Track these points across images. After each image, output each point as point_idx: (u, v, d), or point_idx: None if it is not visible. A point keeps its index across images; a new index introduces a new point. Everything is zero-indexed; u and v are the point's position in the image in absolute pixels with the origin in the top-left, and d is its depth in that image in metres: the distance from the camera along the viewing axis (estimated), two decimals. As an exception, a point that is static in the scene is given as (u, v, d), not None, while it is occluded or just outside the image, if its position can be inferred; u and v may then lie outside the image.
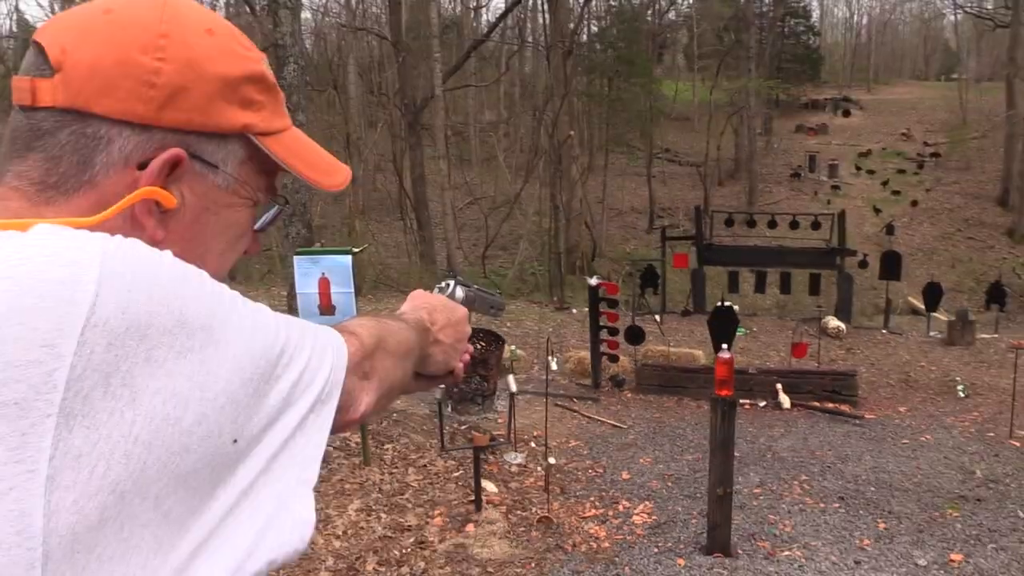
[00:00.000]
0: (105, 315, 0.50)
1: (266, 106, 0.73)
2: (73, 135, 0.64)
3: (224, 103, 0.69)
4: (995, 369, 11.06)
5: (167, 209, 0.67)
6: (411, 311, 1.03)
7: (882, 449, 7.60)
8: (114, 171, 0.65)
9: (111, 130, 0.64)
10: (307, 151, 0.78)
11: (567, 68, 22.73)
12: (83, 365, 0.49)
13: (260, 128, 0.72)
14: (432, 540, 5.38)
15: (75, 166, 0.64)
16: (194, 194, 0.69)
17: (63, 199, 0.64)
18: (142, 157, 0.65)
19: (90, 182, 0.64)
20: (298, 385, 0.64)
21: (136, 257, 0.55)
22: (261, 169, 0.75)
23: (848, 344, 12.90)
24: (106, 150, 0.64)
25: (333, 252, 6.15)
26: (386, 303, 14.73)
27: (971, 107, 38.84)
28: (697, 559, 5.14)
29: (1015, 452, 7.47)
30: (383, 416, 7.79)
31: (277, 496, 0.61)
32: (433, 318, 1.03)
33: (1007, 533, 5.59)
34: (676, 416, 8.83)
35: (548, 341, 7.61)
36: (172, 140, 0.66)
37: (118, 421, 0.49)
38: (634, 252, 27.38)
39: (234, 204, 0.74)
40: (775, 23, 40.33)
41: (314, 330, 0.71)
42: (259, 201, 0.77)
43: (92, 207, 0.64)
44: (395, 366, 0.87)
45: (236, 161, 0.72)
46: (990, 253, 28.12)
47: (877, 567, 5.04)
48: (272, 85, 0.75)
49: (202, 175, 0.69)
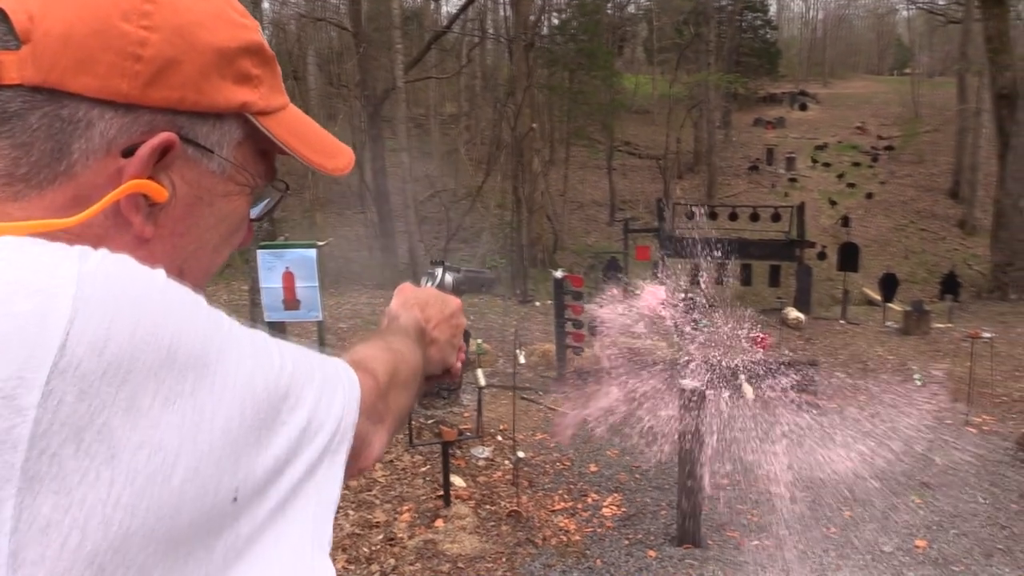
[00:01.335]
0: (77, 357, 0.42)
1: (264, 81, 0.64)
2: (46, 118, 0.54)
3: (219, 78, 0.60)
4: (950, 358, 11.29)
5: (156, 202, 0.58)
6: (403, 311, 0.96)
7: (844, 438, 7.69)
8: (94, 159, 0.55)
9: (91, 111, 0.55)
10: (308, 131, 0.69)
11: (529, 61, 22.68)
12: (49, 419, 0.41)
13: (259, 106, 0.64)
14: (401, 536, 5.33)
15: (49, 154, 0.54)
16: (186, 183, 0.60)
17: (35, 193, 0.55)
18: (127, 142, 0.56)
19: (67, 173, 0.55)
20: (306, 432, 0.56)
21: (120, 281, 0.47)
22: (258, 151, 0.66)
23: (807, 334, 13.09)
24: (85, 135, 0.55)
25: (297, 246, 6.04)
26: (347, 296, 14.60)
27: (923, 101, 39.63)
28: (668, 550, 5.16)
29: (972, 439, 7.63)
30: (348, 411, 7.70)
31: (286, 560, 0.53)
32: (427, 315, 0.97)
33: (968, 518, 5.71)
34: (642, 408, 8.86)
35: (516, 334, 7.56)
36: (161, 122, 0.57)
37: (93, 483, 0.42)
38: (595, 245, 27.49)
39: (230, 192, 0.64)
40: (733, 17, 40.72)
41: (322, 364, 0.63)
42: (256, 187, 0.68)
43: (69, 202, 0.55)
44: (407, 397, 0.81)
45: (232, 144, 0.63)
46: (942, 244, 28.74)
47: (844, 554, 5.11)
48: (271, 57, 0.66)
49: (195, 161, 0.60)
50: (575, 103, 29.48)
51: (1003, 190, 18.00)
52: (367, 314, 13.24)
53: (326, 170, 0.70)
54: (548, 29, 31.27)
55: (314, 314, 6.15)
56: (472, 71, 34.14)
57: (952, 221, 30.41)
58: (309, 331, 10.04)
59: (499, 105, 25.29)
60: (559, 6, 32.81)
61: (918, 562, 5.03)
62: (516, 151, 21.62)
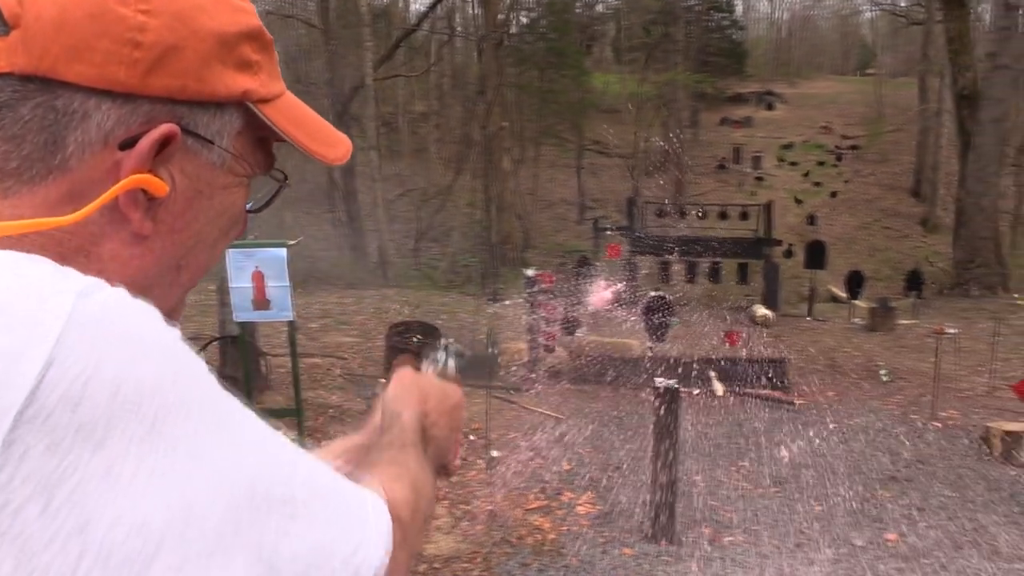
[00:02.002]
0: (48, 407, 0.39)
1: (263, 68, 0.61)
2: (39, 109, 0.51)
3: (220, 65, 0.57)
4: (915, 353, 11.48)
5: (155, 197, 0.55)
6: (405, 408, 0.86)
7: (814, 433, 7.79)
8: (90, 153, 0.52)
9: (86, 102, 0.52)
10: (306, 118, 0.66)
11: (499, 59, 22.66)
12: (12, 470, 0.37)
13: (260, 94, 0.60)
14: (376, 537, 5.28)
15: (42, 148, 0.51)
16: (186, 176, 0.57)
17: (26, 189, 0.52)
18: (125, 134, 0.53)
19: (61, 167, 0.52)
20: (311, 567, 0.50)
21: (115, 330, 0.43)
22: (256, 140, 0.63)
23: (776, 332, 13.22)
24: (81, 127, 0.52)
25: (267, 244, 5.96)
26: (317, 296, 14.49)
27: (887, 102, 40.24)
28: (643, 547, 5.17)
29: (938, 433, 7.75)
30: (319, 413, 7.65)
31: None
32: (426, 408, 0.88)
33: (936, 511, 5.79)
34: (614, 406, 8.89)
35: (489, 333, 7.54)
36: (160, 112, 0.54)
37: (60, 552, 0.38)
38: (565, 243, 27.56)
39: (229, 185, 0.61)
40: (701, 17, 41.02)
41: (351, 494, 0.57)
42: (254, 177, 0.65)
43: (63, 198, 0.52)
44: (424, 532, 0.75)
45: (232, 134, 0.60)
46: (905, 242, 29.23)
47: (817, 548, 5.15)
48: (269, 42, 0.63)
49: (194, 153, 0.57)
50: (545, 102, 29.54)
51: (964, 189, 18.33)
52: (337, 313, 13.15)
53: (326, 159, 0.67)
54: (517, 28, 31.28)
55: (285, 314, 6.06)
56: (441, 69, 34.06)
57: (914, 219, 30.95)
58: (279, 331, 9.94)
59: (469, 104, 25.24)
60: (528, 5, 32.84)
61: (889, 555, 5.09)
62: (486, 150, 21.60)
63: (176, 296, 0.62)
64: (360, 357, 10.24)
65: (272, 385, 8.32)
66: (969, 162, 17.98)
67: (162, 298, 0.58)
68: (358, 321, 12.62)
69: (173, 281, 0.60)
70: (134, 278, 0.55)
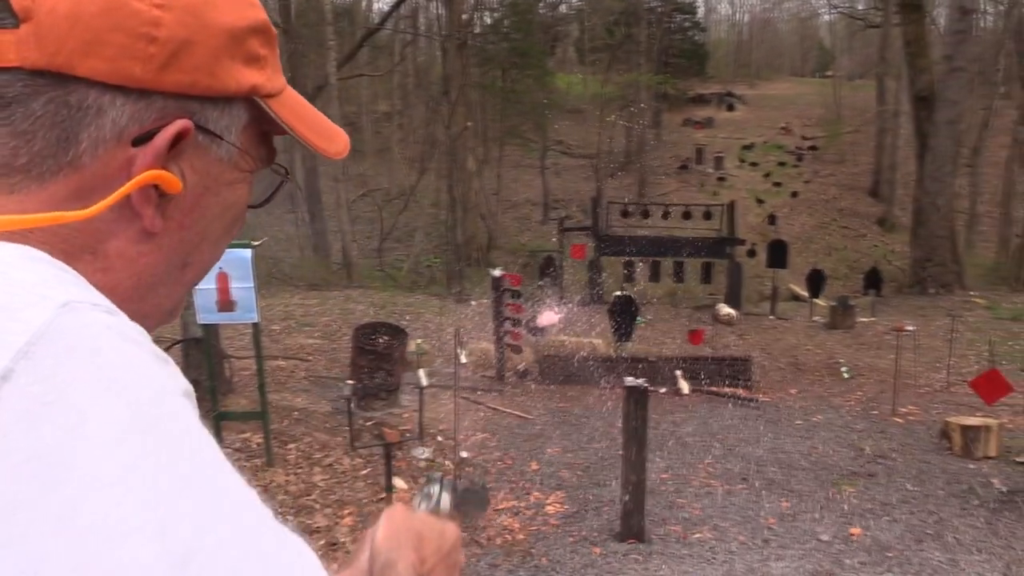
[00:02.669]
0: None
1: (269, 62, 0.61)
2: (51, 104, 0.50)
3: (230, 60, 0.56)
4: (874, 351, 11.68)
5: (166, 193, 0.54)
6: (397, 555, 0.75)
7: (778, 430, 7.88)
8: (104, 149, 0.51)
9: (101, 97, 0.51)
10: (307, 113, 0.65)
11: (463, 59, 22.62)
12: None
13: (267, 89, 0.60)
14: (344, 541, 5.23)
15: (54, 144, 0.50)
16: (195, 172, 0.57)
17: (35, 186, 0.50)
18: (139, 130, 0.52)
19: (73, 164, 0.51)
20: None
21: (92, 351, 0.40)
22: (259, 134, 0.63)
23: (739, 330, 13.36)
24: (95, 123, 0.51)
25: (232, 245, 5.85)
26: (280, 298, 14.32)
27: (845, 103, 40.86)
28: (612, 546, 5.19)
29: (899, 429, 7.89)
30: (284, 415, 7.55)
31: None
32: (422, 554, 0.78)
33: (898, 505, 5.89)
34: (581, 405, 8.92)
35: (457, 334, 7.52)
36: (173, 108, 0.54)
37: None
38: (530, 243, 27.58)
39: (234, 180, 0.61)
40: (663, 19, 41.32)
41: None
42: (257, 172, 0.65)
43: (72, 195, 0.51)
44: None
45: (239, 128, 0.60)
46: (863, 241, 29.71)
47: (784, 544, 5.21)
48: (274, 37, 0.62)
49: (204, 148, 0.57)
50: (508, 102, 29.53)
51: (922, 189, 18.68)
52: (300, 315, 13.00)
53: (328, 153, 0.66)
54: (481, 28, 31.24)
55: (250, 316, 5.98)
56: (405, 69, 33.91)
57: (872, 219, 31.47)
58: (242, 333, 9.81)
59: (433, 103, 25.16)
60: (492, 5, 32.82)
61: (854, 549, 5.16)
62: (450, 150, 21.54)
63: (179, 294, 0.62)
64: (325, 359, 10.14)
65: (236, 388, 8.20)
66: (926, 162, 18.32)
67: (167, 296, 0.59)
68: (322, 323, 12.49)
69: (178, 279, 0.60)
70: (141, 276, 0.55)
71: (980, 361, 10.33)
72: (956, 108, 18.26)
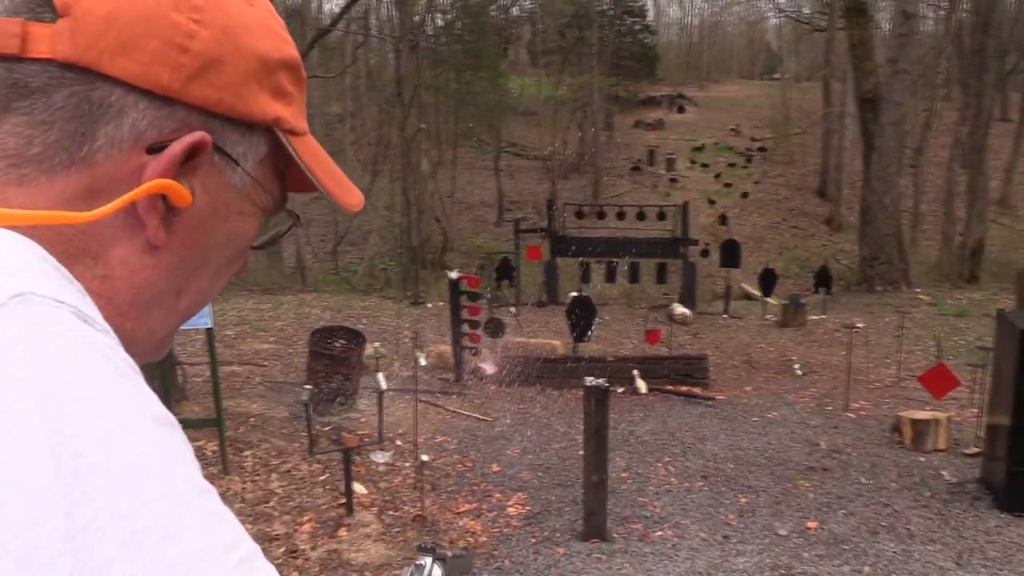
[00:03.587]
0: None
1: (295, 101, 0.61)
2: (74, 97, 0.49)
3: (258, 87, 0.56)
4: (826, 348, 11.90)
5: (175, 207, 0.53)
6: None
7: (735, 428, 7.98)
8: (118, 150, 0.51)
9: (125, 98, 0.50)
10: (327, 161, 0.65)
11: (416, 61, 22.52)
12: None
13: (290, 124, 0.60)
14: (303, 548, 5.16)
15: (70, 137, 0.50)
16: (206, 192, 0.56)
17: (44, 179, 0.49)
18: (156, 138, 0.51)
19: (85, 160, 0.50)
20: None
21: (38, 349, 0.38)
22: (276, 173, 0.62)
23: (694, 329, 13.51)
24: (114, 122, 0.50)
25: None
26: (233, 303, 14.09)
27: (792, 105, 41.65)
28: (575, 546, 5.19)
29: (852, 423, 8.04)
30: (240, 422, 7.43)
31: None
32: None
33: (853, 499, 6.00)
34: (540, 406, 8.92)
35: (416, 336, 7.47)
36: (195, 122, 0.53)
37: None
38: (485, 245, 27.58)
39: (244, 212, 0.60)
40: (614, 21, 41.67)
41: None
42: (267, 210, 0.63)
43: (81, 193, 0.50)
44: None
45: (256, 159, 0.59)
46: (812, 241, 30.29)
47: (744, 539, 5.27)
48: (303, 79, 0.63)
49: (219, 170, 0.56)
50: (462, 104, 29.49)
51: (868, 188, 19.09)
52: (254, 320, 12.81)
53: (343, 203, 0.65)
54: (433, 29, 31.15)
55: (203, 321, 5.87)
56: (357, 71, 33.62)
57: (820, 218, 32.11)
58: (194, 339, 9.62)
59: (386, 105, 25.00)
60: (444, 7, 32.73)
61: (811, 543, 5.25)
62: (404, 152, 21.42)
63: (172, 325, 0.59)
64: (281, 364, 10.00)
65: (189, 395, 8.05)
66: (872, 163, 18.74)
67: (161, 322, 0.57)
68: (277, 327, 12.32)
69: (172, 307, 0.58)
70: (140, 291, 0.53)
71: (928, 356, 10.58)
72: (900, 110, 18.72)
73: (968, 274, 19.75)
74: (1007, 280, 18.76)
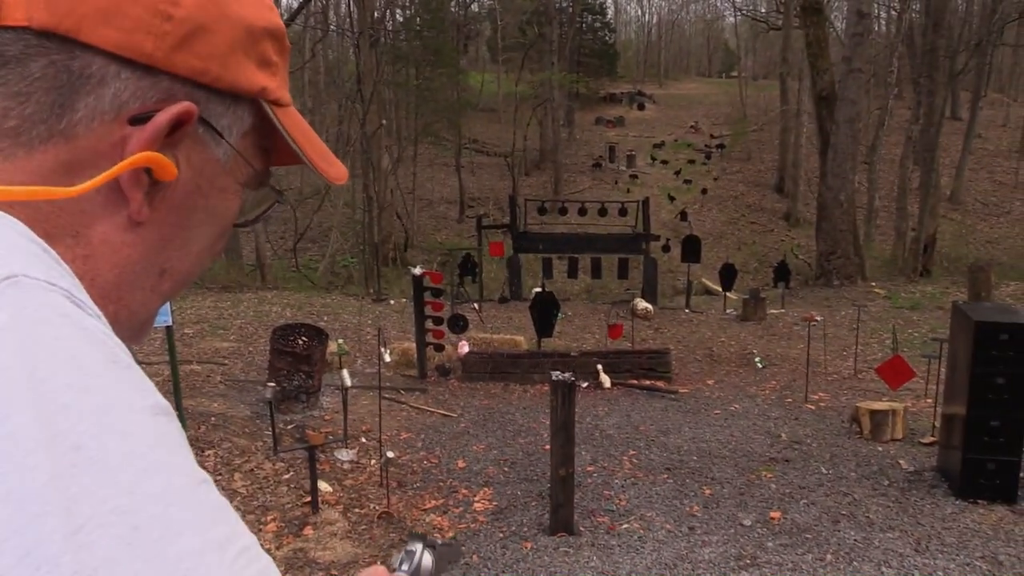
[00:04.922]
0: None
1: (279, 71, 0.59)
2: (52, 67, 0.47)
3: (244, 56, 0.54)
4: (785, 340, 12.07)
5: (159, 181, 0.51)
6: None
7: (698, 420, 8.06)
8: (100, 122, 0.48)
9: (106, 67, 0.48)
10: (311, 133, 0.64)
11: (375, 57, 22.36)
12: None
13: (275, 95, 0.58)
14: (269, 547, 5.08)
15: (48, 109, 0.47)
16: (190, 166, 0.53)
17: (22, 152, 0.47)
18: (139, 109, 0.49)
19: (65, 133, 0.48)
20: None
21: (28, 333, 0.37)
22: (259, 147, 0.60)
23: (656, 324, 13.61)
24: (95, 92, 0.48)
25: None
26: (192, 300, 13.87)
27: (750, 102, 42.28)
28: (542, 540, 5.20)
29: (812, 415, 8.17)
30: (201, 421, 7.31)
31: None
32: None
33: (815, 488, 6.10)
34: (504, 402, 8.92)
35: (380, 333, 7.43)
36: (179, 92, 0.51)
37: None
38: (446, 242, 27.50)
39: (227, 188, 0.58)
40: (574, 19, 41.81)
41: None
42: (250, 186, 0.61)
43: (60, 167, 0.47)
44: None
45: (240, 132, 0.57)
46: (770, 236, 30.73)
47: (709, 531, 5.33)
48: (288, 48, 0.61)
49: (203, 143, 0.54)
50: (422, 100, 29.37)
51: (824, 184, 19.42)
52: (214, 318, 12.61)
53: (328, 176, 0.64)
54: (393, 25, 30.97)
55: (164, 319, 5.78)
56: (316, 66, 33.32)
57: (778, 214, 32.59)
58: (153, 337, 9.45)
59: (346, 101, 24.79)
60: (403, 2, 32.56)
61: (775, 532, 5.32)
62: (364, 148, 21.26)
63: (154, 307, 0.57)
64: (242, 362, 9.86)
65: (147, 394, 7.89)
66: (828, 159, 19.06)
67: (142, 304, 0.55)
68: (237, 325, 12.15)
69: (154, 287, 0.55)
70: (123, 270, 0.51)
71: (884, 349, 10.79)
72: (855, 107, 19.05)
73: (921, 268, 20.19)
74: (958, 274, 19.24)
